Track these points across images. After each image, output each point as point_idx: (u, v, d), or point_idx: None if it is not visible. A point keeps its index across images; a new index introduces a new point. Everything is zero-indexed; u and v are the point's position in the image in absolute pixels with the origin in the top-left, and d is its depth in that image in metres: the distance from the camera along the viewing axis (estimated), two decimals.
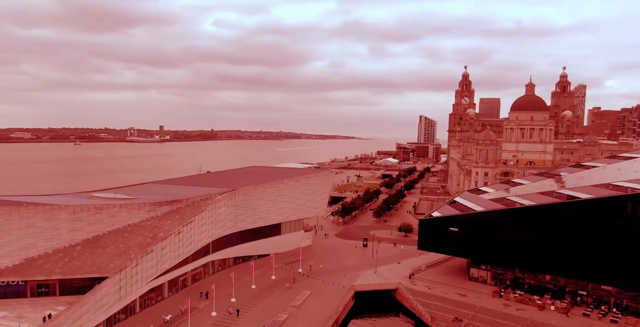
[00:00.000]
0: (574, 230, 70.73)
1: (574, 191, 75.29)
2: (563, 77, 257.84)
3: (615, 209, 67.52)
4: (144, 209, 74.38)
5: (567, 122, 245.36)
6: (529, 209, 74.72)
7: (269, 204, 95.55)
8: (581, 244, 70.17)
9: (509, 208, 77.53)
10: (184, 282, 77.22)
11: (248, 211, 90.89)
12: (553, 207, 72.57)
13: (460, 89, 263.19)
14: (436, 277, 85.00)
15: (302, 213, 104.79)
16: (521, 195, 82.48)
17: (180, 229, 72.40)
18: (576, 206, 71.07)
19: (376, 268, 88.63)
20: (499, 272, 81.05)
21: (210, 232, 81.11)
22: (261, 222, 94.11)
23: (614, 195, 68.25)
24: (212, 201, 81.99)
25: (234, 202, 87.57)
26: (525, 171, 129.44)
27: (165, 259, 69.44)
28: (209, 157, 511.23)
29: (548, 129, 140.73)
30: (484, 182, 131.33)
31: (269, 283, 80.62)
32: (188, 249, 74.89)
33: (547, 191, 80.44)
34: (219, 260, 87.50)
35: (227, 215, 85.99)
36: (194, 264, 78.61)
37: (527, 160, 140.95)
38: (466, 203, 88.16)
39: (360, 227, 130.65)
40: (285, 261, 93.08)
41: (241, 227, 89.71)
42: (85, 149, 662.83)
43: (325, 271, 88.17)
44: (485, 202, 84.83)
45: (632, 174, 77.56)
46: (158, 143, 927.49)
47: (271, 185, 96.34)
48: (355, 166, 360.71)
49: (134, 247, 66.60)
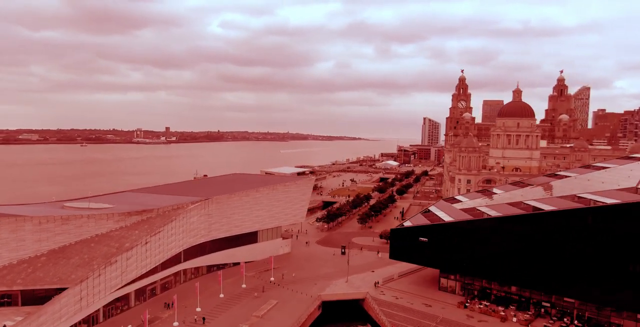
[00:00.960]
0: (537, 241, 70.85)
1: (539, 202, 75.40)
2: (560, 81, 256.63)
3: (576, 222, 67.62)
4: (113, 219, 75.53)
5: (564, 126, 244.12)
6: (494, 220, 74.94)
7: (244, 212, 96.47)
8: (544, 255, 70.31)
9: (475, 219, 77.82)
10: (153, 291, 78.26)
11: (222, 219, 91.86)
12: (516, 218, 72.81)
13: (457, 92, 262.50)
14: (406, 287, 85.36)
15: (280, 221, 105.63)
16: (490, 205, 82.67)
17: (147, 239, 73.55)
18: (539, 218, 71.28)
19: (347, 277, 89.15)
20: (468, 283, 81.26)
21: (181, 241, 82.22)
22: (236, 230, 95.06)
23: (574, 207, 68.31)
24: (183, 210, 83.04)
25: (207, 211, 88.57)
26: (507, 178, 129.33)
27: (131, 269, 70.59)
28: (212, 159, 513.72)
29: (534, 135, 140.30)
30: (467, 190, 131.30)
31: (238, 292, 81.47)
32: (156, 259, 76.03)
33: (515, 202, 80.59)
34: (193, 268, 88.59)
35: (200, 224, 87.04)
36: (163, 273, 79.70)
37: (514, 166, 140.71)
38: (438, 213, 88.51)
39: (344, 234, 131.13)
40: (260, 269, 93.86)
41: (215, 236, 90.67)
42: (91, 151, 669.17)
43: (297, 280, 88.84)
44: (456, 212, 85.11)
45: (599, 185, 77.47)
46: (164, 145, 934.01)
47: (247, 193, 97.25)
48: (354, 168, 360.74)
49: (98, 257, 67.77)
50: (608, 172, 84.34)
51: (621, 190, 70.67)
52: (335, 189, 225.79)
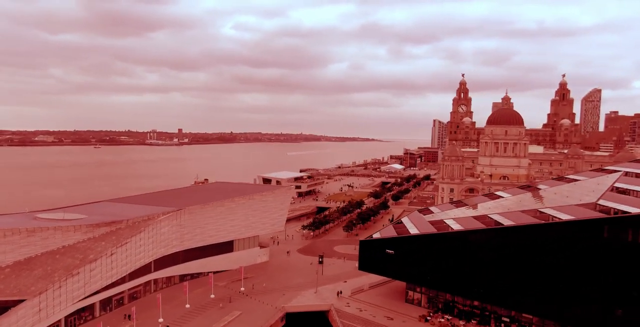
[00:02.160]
0: (495, 256, 70.92)
1: (502, 217, 75.34)
2: (562, 85, 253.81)
3: (532, 237, 67.55)
4: (80, 231, 77.26)
5: (565, 131, 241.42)
6: (455, 234, 75.07)
7: (219, 222, 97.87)
8: (502, 270, 70.33)
9: (438, 232, 78.01)
10: (120, 301, 79.93)
11: (195, 229, 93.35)
12: (476, 233, 72.89)
13: (458, 96, 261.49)
14: (374, 299, 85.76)
15: (257, 230, 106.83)
16: (457, 218, 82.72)
17: (113, 250, 75.24)
18: (497, 233, 71.36)
19: (317, 288, 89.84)
20: (432, 296, 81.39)
21: (150, 252, 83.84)
22: (210, 240, 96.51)
23: (531, 223, 68.24)
24: (153, 221, 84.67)
25: (179, 222, 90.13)
26: (490, 187, 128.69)
27: (95, 280, 72.26)
28: (218, 162, 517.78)
29: (522, 143, 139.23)
30: (450, 198, 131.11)
31: (205, 302, 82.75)
32: (123, 270, 77.68)
33: (480, 215, 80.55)
34: (165, 278, 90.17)
35: (172, 234, 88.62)
36: (131, 283, 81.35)
37: (501, 174, 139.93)
38: (408, 224, 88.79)
39: (328, 242, 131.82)
40: (233, 278, 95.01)
41: (188, 246, 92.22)
42: (104, 153, 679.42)
43: (267, 290, 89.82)
44: (424, 225, 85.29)
45: (563, 199, 77.14)
46: (176, 146, 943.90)
47: (221, 204, 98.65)
48: (358, 172, 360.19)
49: (60, 269, 69.52)
50: (576, 186, 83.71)
51: (580, 205, 70.35)
52: (332, 194, 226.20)
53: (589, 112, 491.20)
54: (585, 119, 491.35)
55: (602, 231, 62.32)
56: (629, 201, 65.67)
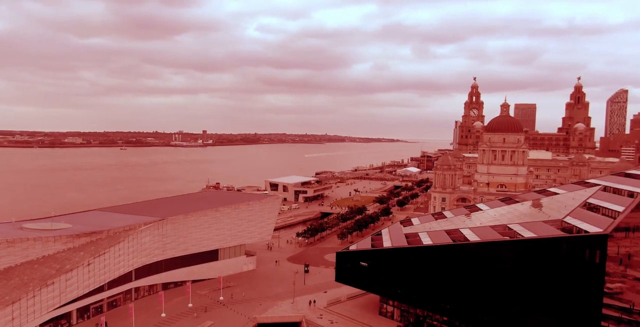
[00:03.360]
0: (462, 272, 70.51)
1: (471, 232, 74.83)
2: (578, 88, 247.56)
3: (497, 254, 67.03)
4: (60, 241, 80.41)
5: (579, 135, 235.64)
6: (423, 249, 74.96)
7: (203, 231, 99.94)
8: (469, 287, 69.85)
9: (407, 246, 77.97)
10: (98, 309, 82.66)
11: (178, 238, 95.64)
12: (443, 248, 72.61)
13: (469, 100, 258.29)
14: (348, 310, 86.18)
15: (243, 239, 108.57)
16: (430, 231, 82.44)
17: (90, 260, 78.00)
18: (463, 249, 70.93)
19: (294, 298, 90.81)
20: (404, 309, 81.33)
21: (130, 261, 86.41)
22: (194, 249, 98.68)
23: (494, 240, 67.66)
24: (134, 231, 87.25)
25: (162, 231, 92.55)
26: (482, 197, 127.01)
27: (71, 289, 75.02)
28: (237, 164, 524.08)
29: (520, 151, 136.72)
30: (442, 208, 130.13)
31: (182, 311, 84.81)
32: (101, 279, 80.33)
33: (453, 229, 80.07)
34: (147, 286, 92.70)
35: (153, 244, 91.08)
36: (110, 292, 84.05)
37: (499, 183, 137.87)
38: (384, 236, 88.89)
39: (321, 250, 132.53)
40: (215, 287, 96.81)
41: (170, 255, 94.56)
42: (129, 154, 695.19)
43: (245, 299, 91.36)
44: (399, 237, 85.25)
45: (536, 214, 76.14)
46: (200, 147, 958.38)
47: (205, 213, 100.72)
48: (373, 176, 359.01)
49: (36, 279, 72.58)
50: (553, 200, 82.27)
51: (547, 222, 69.29)
52: (339, 199, 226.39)
53: (615, 114, 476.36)
54: (611, 120, 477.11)
55: (559, 249, 61.52)
56: (593, 219, 64.42)
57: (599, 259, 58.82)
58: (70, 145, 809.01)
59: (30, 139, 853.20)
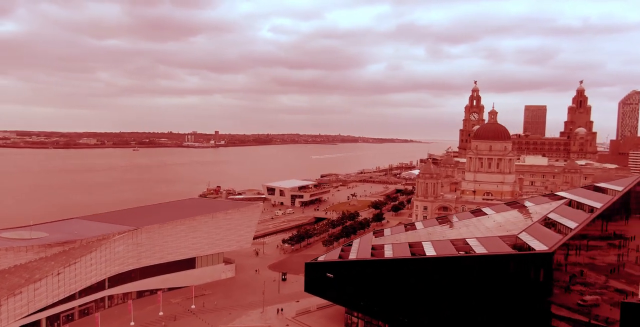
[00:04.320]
0: (420, 286, 70.81)
1: (430, 245, 74.92)
2: (580, 92, 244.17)
3: (451, 269, 67.20)
4: (33, 251, 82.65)
5: (580, 140, 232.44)
6: (382, 262, 75.40)
7: (179, 240, 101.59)
8: (426, 301, 70.14)
9: (368, 259, 78.41)
10: (69, 317, 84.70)
11: (154, 247, 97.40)
12: (401, 262, 72.99)
13: (469, 104, 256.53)
14: (316, 321, 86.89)
15: (222, 247, 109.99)
16: (394, 244, 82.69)
17: (60, 270, 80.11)
18: (418, 263, 71.23)
19: (264, 307, 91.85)
20: (367, 321, 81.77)
21: (103, 270, 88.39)
22: (170, 257, 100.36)
23: (448, 255, 67.84)
24: (107, 241, 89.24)
25: (136, 240, 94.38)
26: (464, 206, 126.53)
27: (40, 298, 77.14)
28: (244, 166, 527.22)
29: (507, 159, 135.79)
30: (424, 216, 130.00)
31: (151, 320, 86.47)
32: (71, 288, 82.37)
33: (416, 242, 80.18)
34: (122, 293, 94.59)
35: (127, 252, 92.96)
36: (82, 300, 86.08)
37: (485, 190, 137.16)
38: (353, 247, 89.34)
39: (305, 257, 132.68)
40: (189, 295, 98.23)
41: (145, 263, 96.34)
42: (141, 156, 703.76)
43: (216, 308, 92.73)
44: (365, 249, 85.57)
45: (497, 228, 75.99)
46: (212, 148, 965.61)
47: (182, 222, 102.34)
48: (376, 179, 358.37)
49: (4, 288, 74.82)
50: (518, 213, 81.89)
51: (503, 237, 69.24)
52: (336, 204, 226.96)
53: (627, 116, 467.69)
54: (623, 122, 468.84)
55: (507, 267, 61.59)
56: (545, 236, 64.22)
57: (542, 278, 58.90)
58: (84, 146, 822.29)
59: (46, 139, 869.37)
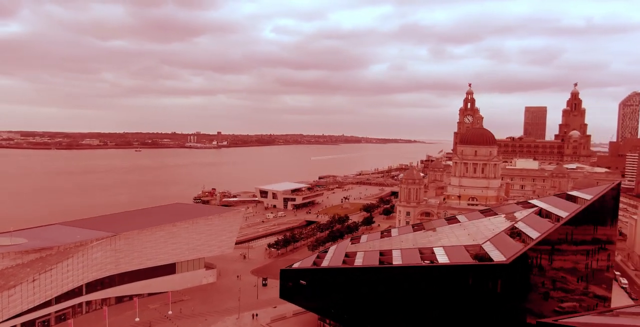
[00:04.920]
0: (388, 295, 71.17)
1: (399, 253, 75.36)
2: (574, 95, 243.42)
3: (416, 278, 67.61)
4: (9, 257, 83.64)
5: (574, 143, 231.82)
6: (350, 270, 75.85)
7: (159, 245, 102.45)
8: (395, 310, 70.50)
9: (337, 267, 78.86)
10: (45, 323, 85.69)
11: (133, 253, 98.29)
12: (367, 270, 73.39)
13: (464, 107, 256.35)
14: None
15: (203, 252, 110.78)
16: (366, 251, 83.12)
17: (36, 276, 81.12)
18: (386, 272, 71.61)
19: (239, 313, 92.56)
20: None
21: (80, 276, 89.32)
22: (149, 263, 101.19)
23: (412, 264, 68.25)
24: (84, 247, 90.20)
25: (114, 246, 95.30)
26: (446, 211, 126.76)
27: (14, 305, 78.08)
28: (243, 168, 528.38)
29: (492, 164, 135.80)
30: (406, 222, 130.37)
31: (127, 326, 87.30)
32: (47, 294, 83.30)
33: (386, 250, 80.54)
34: (100, 299, 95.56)
35: (105, 258, 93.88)
36: (58, 306, 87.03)
37: (470, 195, 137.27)
38: (328, 254, 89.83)
39: (290, 262, 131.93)
40: (168, 300, 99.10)
41: (124, 269, 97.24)
42: (143, 156, 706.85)
43: (193, 314, 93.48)
44: (338, 257, 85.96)
45: (464, 237, 76.19)
46: (214, 149, 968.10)
47: (161, 228, 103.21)
48: (373, 181, 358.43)
49: None
50: (489, 222, 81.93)
51: (468, 246, 69.56)
52: (328, 207, 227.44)
53: (627, 117, 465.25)
54: (623, 124, 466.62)
55: (467, 277, 61.96)
56: (507, 246, 64.52)
57: (500, 289, 59.25)
58: (87, 147, 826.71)
59: (49, 140, 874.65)
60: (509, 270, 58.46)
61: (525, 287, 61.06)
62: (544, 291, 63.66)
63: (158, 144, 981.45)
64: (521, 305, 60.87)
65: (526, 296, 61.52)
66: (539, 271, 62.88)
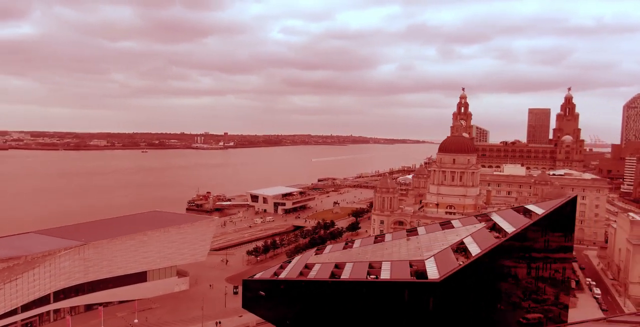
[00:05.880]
0: (333, 309, 72.07)
1: (350, 266, 76.12)
2: (568, 99, 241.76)
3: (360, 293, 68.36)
4: None
5: (566, 148, 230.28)
6: (300, 283, 76.84)
7: (129, 254, 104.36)
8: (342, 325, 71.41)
9: (291, 279, 79.86)
10: None
11: (102, 262, 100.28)
12: (313, 284, 74.28)
13: (457, 110, 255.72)
14: None
15: (175, 260, 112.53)
16: (323, 263, 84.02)
17: (0, 286, 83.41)
18: (333, 286, 72.43)
19: (202, 322, 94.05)
20: None
21: (48, 285, 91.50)
22: (119, 271, 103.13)
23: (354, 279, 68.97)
24: (52, 256, 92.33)
25: (83, 255, 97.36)
26: (419, 220, 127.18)
27: None
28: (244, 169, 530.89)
29: (470, 172, 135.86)
30: (380, 230, 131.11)
31: None
32: (13, 303, 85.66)
33: (342, 262, 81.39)
34: (69, 307, 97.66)
35: (74, 267, 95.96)
36: (24, 315, 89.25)
37: (448, 204, 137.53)
38: (290, 264, 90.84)
39: (266, 269, 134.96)
40: (137, 308, 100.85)
41: (93, 278, 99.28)
42: (148, 157, 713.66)
43: (159, 322, 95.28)
44: (298, 268, 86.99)
45: (414, 251, 76.77)
46: (221, 150, 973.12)
47: (132, 237, 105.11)
48: (370, 184, 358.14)
49: None
50: (444, 235, 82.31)
51: (413, 262, 70.10)
52: (318, 212, 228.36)
53: (631, 119, 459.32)
54: (627, 126, 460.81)
55: (403, 294, 62.64)
56: (447, 263, 64.89)
57: (432, 307, 59.87)
58: (94, 148, 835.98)
59: (57, 141, 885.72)
60: (441, 288, 59.01)
61: (462, 304, 61.64)
62: (486, 307, 64.27)
63: (165, 144, 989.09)
64: (458, 323, 61.52)
65: (464, 313, 62.13)
66: (477, 287, 63.49)
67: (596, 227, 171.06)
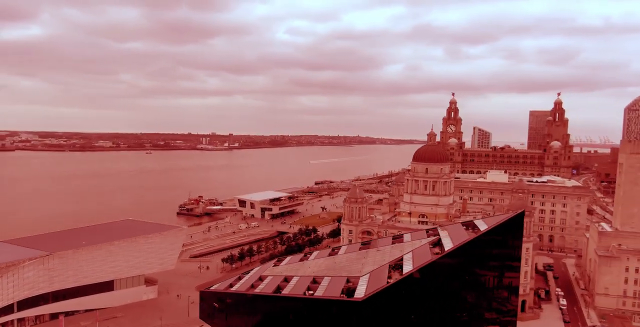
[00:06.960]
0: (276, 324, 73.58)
1: (296, 279, 77.42)
2: (557, 104, 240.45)
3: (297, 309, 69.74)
4: None
5: (555, 153, 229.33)
6: (247, 297, 78.41)
7: (96, 263, 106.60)
8: None
9: (239, 292, 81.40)
10: None
11: (67, 272, 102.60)
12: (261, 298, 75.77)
13: (447, 116, 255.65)
14: None
15: (143, 269, 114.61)
16: (274, 276, 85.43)
17: None
18: (272, 300, 73.92)
19: None
20: None
21: (10, 295, 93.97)
22: (85, 280, 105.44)
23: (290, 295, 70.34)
24: (15, 267, 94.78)
25: (47, 266, 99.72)
26: (386, 230, 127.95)
27: None
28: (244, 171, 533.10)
29: (442, 181, 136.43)
30: (349, 240, 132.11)
31: None
32: None
33: (289, 276, 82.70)
34: (34, 316, 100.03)
35: (38, 277, 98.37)
36: None
37: (420, 213, 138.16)
38: (247, 276, 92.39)
39: None
40: (101, 317, 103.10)
41: (59, 287, 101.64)
42: (152, 159, 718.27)
43: None
44: (251, 280, 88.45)
45: (357, 266, 77.88)
46: (226, 151, 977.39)
47: (99, 247, 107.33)
48: (366, 187, 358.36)
49: None
50: (392, 249, 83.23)
51: (351, 278, 71.26)
52: (305, 217, 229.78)
53: (632, 122, 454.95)
54: (628, 129, 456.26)
55: (332, 312, 63.90)
56: (377, 281, 65.90)
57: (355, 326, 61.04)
58: (100, 149, 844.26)
59: (64, 142, 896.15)
60: (365, 307, 60.21)
61: (389, 324, 62.69)
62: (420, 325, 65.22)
63: (170, 145, 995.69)
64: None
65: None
66: (408, 306, 64.51)
67: (577, 235, 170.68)
